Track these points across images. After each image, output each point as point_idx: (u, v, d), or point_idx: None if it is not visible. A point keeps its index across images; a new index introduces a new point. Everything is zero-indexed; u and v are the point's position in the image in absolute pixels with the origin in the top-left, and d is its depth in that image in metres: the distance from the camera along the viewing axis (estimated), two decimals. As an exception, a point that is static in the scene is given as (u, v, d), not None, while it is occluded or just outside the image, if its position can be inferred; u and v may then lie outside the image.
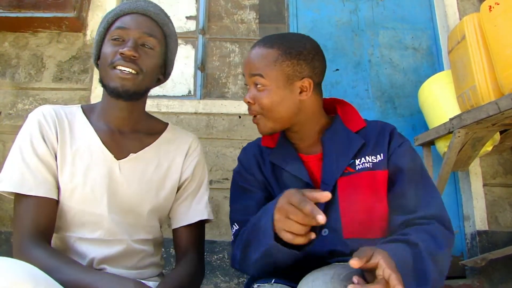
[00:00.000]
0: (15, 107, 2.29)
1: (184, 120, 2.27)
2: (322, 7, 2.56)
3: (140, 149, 1.01)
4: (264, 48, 0.95)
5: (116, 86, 0.93)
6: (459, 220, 2.26)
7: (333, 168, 0.93)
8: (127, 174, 0.97)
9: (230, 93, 2.47)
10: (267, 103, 0.93)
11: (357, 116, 1.02)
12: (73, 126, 0.98)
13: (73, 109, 1.01)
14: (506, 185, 2.22)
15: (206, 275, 2.05)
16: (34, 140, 0.92)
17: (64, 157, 0.94)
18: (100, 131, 0.98)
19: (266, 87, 0.93)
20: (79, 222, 0.94)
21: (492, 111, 1.60)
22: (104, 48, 0.96)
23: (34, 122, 0.94)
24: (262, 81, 0.93)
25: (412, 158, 0.94)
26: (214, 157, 2.22)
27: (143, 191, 0.98)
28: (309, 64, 0.94)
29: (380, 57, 2.48)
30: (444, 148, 1.99)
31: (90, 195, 0.93)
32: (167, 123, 1.12)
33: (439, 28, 2.52)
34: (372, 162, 0.93)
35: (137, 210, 0.98)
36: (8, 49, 2.38)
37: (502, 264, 2.04)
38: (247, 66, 0.96)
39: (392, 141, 0.95)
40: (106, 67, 0.94)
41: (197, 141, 1.13)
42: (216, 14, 2.61)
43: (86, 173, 0.94)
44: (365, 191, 0.91)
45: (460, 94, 1.95)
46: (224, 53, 2.54)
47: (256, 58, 0.95)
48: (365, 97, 2.42)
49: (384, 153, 0.94)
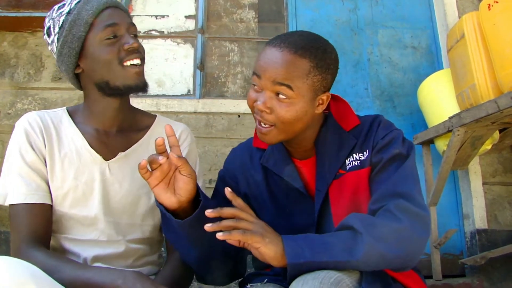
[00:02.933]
0: (14, 107, 2.29)
1: (184, 119, 2.26)
2: (322, 6, 2.56)
3: (128, 147, 1.00)
4: (296, 55, 0.83)
5: (135, 83, 0.93)
6: (458, 219, 2.26)
7: (326, 173, 0.91)
8: (118, 174, 0.97)
9: (229, 92, 2.47)
10: (289, 117, 0.83)
11: (351, 113, 0.97)
12: (60, 131, 0.97)
13: (58, 113, 1.00)
14: (505, 183, 2.23)
15: (206, 274, 2.05)
16: (23, 149, 0.92)
17: (53, 163, 0.94)
18: (87, 134, 0.98)
19: (292, 100, 0.83)
20: (72, 225, 0.95)
21: (491, 110, 1.60)
22: (96, 51, 0.91)
23: (21, 132, 0.94)
24: (289, 93, 0.82)
25: (394, 148, 0.88)
26: (213, 156, 2.22)
27: (135, 189, 0.98)
28: (332, 76, 0.89)
29: (380, 56, 2.48)
30: (443, 147, 1.99)
31: (82, 198, 0.94)
32: (155, 115, 1.09)
33: (438, 26, 2.52)
34: (360, 160, 0.90)
35: (131, 210, 0.98)
36: (7, 48, 2.38)
37: (502, 262, 2.04)
38: (271, 71, 0.83)
39: (376, 135, 0.91)
40: (113, 67, 0.91)
41: (187, 130, 1.10)
42: (215, 13, 2.61)
43: (76, 176, 0.94)
44: (353, 192, 0.90)
45: (459, 93, 1.95)
46: (223, 52, 2.54)
47: (285, 66, 0.82)
48: (365, 96, 2.42)
49: (369, 149, 0.90)
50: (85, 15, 0.90)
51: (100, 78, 0.93)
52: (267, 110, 0.84)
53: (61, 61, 0.94)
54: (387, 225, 0.78)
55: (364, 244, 0.75)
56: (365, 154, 0.90)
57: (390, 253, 0.77)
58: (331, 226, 0.88)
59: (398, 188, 0.83)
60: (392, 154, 0.87)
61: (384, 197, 0.84)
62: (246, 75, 2.51)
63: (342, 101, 0.99)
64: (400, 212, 0.80)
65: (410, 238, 0.79)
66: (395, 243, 0.77)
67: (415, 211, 0.81)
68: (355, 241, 0.77)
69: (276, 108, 0.84)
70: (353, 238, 0.77)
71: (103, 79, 0.92)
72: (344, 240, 0.77)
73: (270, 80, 0.83)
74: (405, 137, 0.92)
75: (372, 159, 0.89)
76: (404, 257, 0.79)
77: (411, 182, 0.86)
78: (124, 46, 0.91)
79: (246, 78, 2.51)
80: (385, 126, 0.92)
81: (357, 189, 0.90)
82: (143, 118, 1.06)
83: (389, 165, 0.87)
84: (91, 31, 0.91)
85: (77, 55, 0.92)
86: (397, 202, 0.81)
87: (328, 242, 0.77)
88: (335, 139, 0.93)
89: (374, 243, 0.76)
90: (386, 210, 0.81)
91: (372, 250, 0.75)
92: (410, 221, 0.79)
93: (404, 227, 0.78)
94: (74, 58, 0.93)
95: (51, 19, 0.95)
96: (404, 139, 0.91)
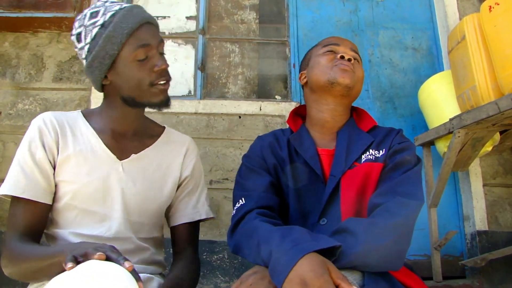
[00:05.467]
0: (15, 107, 2.29)
1: (184, 120, 2.27)
2: (322, 7, 2.56)
3: (141, 150, 1.04)
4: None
5: (160, 100, 0.99)
6: (459, 220, 2.26)
7: (341, 163, 1.00)
8: (131, 173, 1.00)
9: (230, 93, 2.47)
10: (361, 71, 1.13)
11: (369, 118, 1.13)
12: (75, 130, 1.00)
13: (74, 115, 1.04)
14: (506, 185, 2.22)
15: (206, 275, 2.05)
16: (33, 146, 0.95)
17: (67, 157, 0.96)
18: (102, 134, 1.01)
19: (359, 65, 1.14)
20: (83, 221, 0.96)
21: (492, 111, 1.60)
22: (127, 70, 0.94)
23: (34, 128, 0.97)
24: (359, 59, 1.14)
25: (407, 155, 0.98)
26: (214, 157, 2.22)
27: (147, 189, 1.02)
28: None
29: (380, 57, 2.48)
30: (444, 148, 1.99)
31: (94, 194, 0.96)
32: (164, 126, 1.15)
33: (439, 28, 2.52)
34: (375, 155, 1.01)
35: (142, 208, 1.01)
36: (8, 49, 2.38)
37: (502, 264, 2.04)
38: (347, 42, 1.14)
39: (395, 139, 1.04)
40: (143, 87, 0.95)
41: (193, 142, 1.18)
42: (216, 14, 2.61)
43: (90, 173, 0.96)
44: (363, 182, 0.97)
45: (460, 94, 1.95)
46: (224, 53, 2.54)
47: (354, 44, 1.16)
48: (365, 97, 2.42)
49: (386, 149, 1.02)
50: (120, 34, 0.92)
51: (127, 93, 0.97)
52: (355, 60, 1.10)
53: (90, 72, 0.97)
54: (384, 223, 0.83)
55: (360, 244, 0.78)
56: (381, 152, 1.01)
57: (385, 249, 0.81)
58: (336, 210, 0.95)
59: (400, 188, 0.91)
60: (404, 158, 0.97)
61: (386, 193, 0.91)
62: (247, 76, 2.51)
63: (361, 110, 1.16)
64: (397, 207, 0.86)
65: (406, 231, 0.86)
66: (390, 238, 0.81)
67: (411, 203, 0.89)
68: (351, 241, 0.79)
69: (356, 64, 1.10)
70: (349, 239, 0.80)
71: (130, 95, 0.97)
72: (340, 242, 0.78)
73: (348, 47, 1.12)
74: (416, 153, 1.03)
75: (387, 159, 1.00)
76: (399, 252, 0.84)
77: (413, 185, 0.94)
78: (155, 68, 0.95)
79: (247, 79, 2.51)
80: (403, 136, 1.07)
81: (367, 180, 0.97)
82: (154, 126, 1.13)
83: (397, 168, 0.96)
84: (124, 49, 0.93)
85: (107, 69, 0.95)
86: (396, 199, 0.88)
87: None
88: (354, 135, 1.06)
89: (370, 242, 0.79)
90: (384, 208, 0.87)
91: (368, 247, 0.78)
92: (405, 214, 0.86)
93: (399, 221, 0.84)
94: (103, 72, 0.96)
95: (82, 25, 0.96)
96: (415, 153, 1.02)
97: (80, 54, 0.99)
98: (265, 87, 2.50)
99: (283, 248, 0.75)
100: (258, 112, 2.29)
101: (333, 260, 0.76)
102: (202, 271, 2.04)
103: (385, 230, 0.82)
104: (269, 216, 0.93)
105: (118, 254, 0.72)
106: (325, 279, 0.67)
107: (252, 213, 0.93)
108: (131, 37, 0.93)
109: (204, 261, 2.05)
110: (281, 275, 0.71)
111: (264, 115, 2.29)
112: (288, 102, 2.35)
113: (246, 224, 0.92)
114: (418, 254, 2.18)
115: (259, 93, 2.48)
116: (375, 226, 0.82)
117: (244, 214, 0.95)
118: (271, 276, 0.75)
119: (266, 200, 0.97)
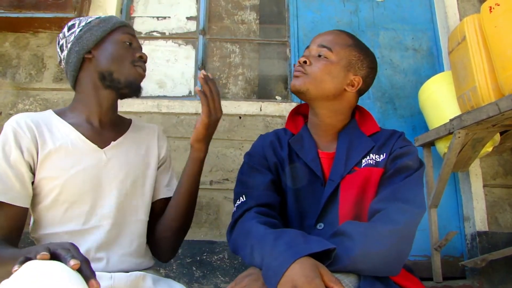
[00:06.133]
0: (16, 107, 2.29)
1: (185, 120, 2.27)
2: (323, 8, 2.56)
3: (118, 137, 1.09)
4: (343, 33, 1.08)
5: (135, 79, 1.07)
6: (459, 221, 2.26)
7: (341, 167, 0.99)
8: (114, 159, 1.04)
9: (230, 93, 2.48)
10: (321, 68, 1.01)
11: (372, 121, 1.10)
12: (51, 127, 1.01)
13: (46, 114, 1.06)
14: (506, 186, 2.22)
15: (206, 275, 2.05)
16: (6, 148, 0.94)
17: (48, 155, 0.96)
18: (79, 128, 1.04)
19: (328, 60, 1.02)
20: (71, 215, 0.96)
21: (492, 112, 1.60)
22: (113, 46, 1.06)
23: (8, 131, 0.96)
24: (327, 54, 1.02)
25: (408, 160, 0.96)
26: (214, 157, 2.22)
27: (132, 172, 1.05)
28: (368, 69, 1.06)
29: (381, 58, 2.48)
30: (444, 149, 1.99)
31: (83, 185, 0.97)
32: (130, 118, 1.22)
33: (440, 29, 2.52)
34: (375, 160, 0.99)
35: (130, 191, 1.04)
36: (9, 49, 2.38)
37: (502, 265, 2.04)
38: (320, 39, 1.06)
39: (396, 143, 1.01)
40: (124, 63, 1.06)
41: (160, 128, 1.25)
42: (216, 14, 2.62)
43: (74, 165, 0.97)
44: (362, 186, 0.96)
45: (460, 95, 1.95)
46: (224, 53, 2.54)
47: (332, 36, 1.06)
48: (365, 98, 2.42)
49: (387, 153, 0.99)
50: (111, 24, 1.08)
51: (107, 67, 1.04)
52: (307, 61, 1.03)
53: (72, 53, 1.06)
54: (382, 229, 0.83)
55: (358, 248, 0.78)
56: (381, 157, 0.99)
57: (384, 255, 0.80)
58: (334, 215, 0.94)
59: (400, 194, 0.89)
60: (405, 164, 0.95)
61: (386, 199, 0.89)
62: (247, 76, 2.51)
63: (366, 112, 1.13)
64: (397, 213, 0.85)
65: (405, 237, 0.85)
66: (389, 244, 0.81)
67: (412, 210, 0.87)
68: (348, 245, 0.79)
69: (315, 62, 1.03)
70: (346, 242, 0.80)
71: (109, 69, 1.04)
72: (337, 245, 0.78)
73: (317, 44, 1.05)
74: (419, 156, 1.01)
75: (387, 163, 0.98)
76: (397, 258, 0.83)
77: (414, 191, 0.92)
78: (137, 54, 1.08)
79: (247, 79, 2.51)
80: (405, 140, 1.03)
81: (367, 185, 0.96)
82: (123, 119, 1.19)
83: (398, 173, 0.94)
84: (113, 33, 1.07)
85: (92, 46, 1.05)
86: (397, 205, 0.87)
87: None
88: (355, 139, 1.04)
89: (367, 247, 0.79)
90: (384, 214, 0.86)
91: (365, 252, 0.78)
92: (405, 221, 0.84)
93: (399, 228, 0.83)
94: (86, 49, 1.05)
95: (64, 37, 1.10)
96: (418, 157, 1.00)
97: (62, 56, 1.08)
98: (265, 87, 2.50)
99: (275, 252, 0.76)
100: (259, 112, 2.29)
101: (329, 263, 0.76)
102: (202, 271, 2.04)
103: (383, 235, 0.81)
104: (269, 214, 0.94)
105: (68, 251, 0.67)
106: (316, 283, 0.68)
107: (251, 212, 0.94)
108: (117, 29, 1.08)
109: (204, 261, 2.05)
110: (273, 279, 0.72)
111: (264, 115, 2.29)
112: (289, 103, 2.35)
113: (243, 223, 0.93)
114: (418, 254, 2.18)
115: (259, 94, 2.48)
116: (373, 231, 0.82)
117: (244, 211, 0.96)
118: (264, 279, 0.76)
119: (267, 198, 0.98)
